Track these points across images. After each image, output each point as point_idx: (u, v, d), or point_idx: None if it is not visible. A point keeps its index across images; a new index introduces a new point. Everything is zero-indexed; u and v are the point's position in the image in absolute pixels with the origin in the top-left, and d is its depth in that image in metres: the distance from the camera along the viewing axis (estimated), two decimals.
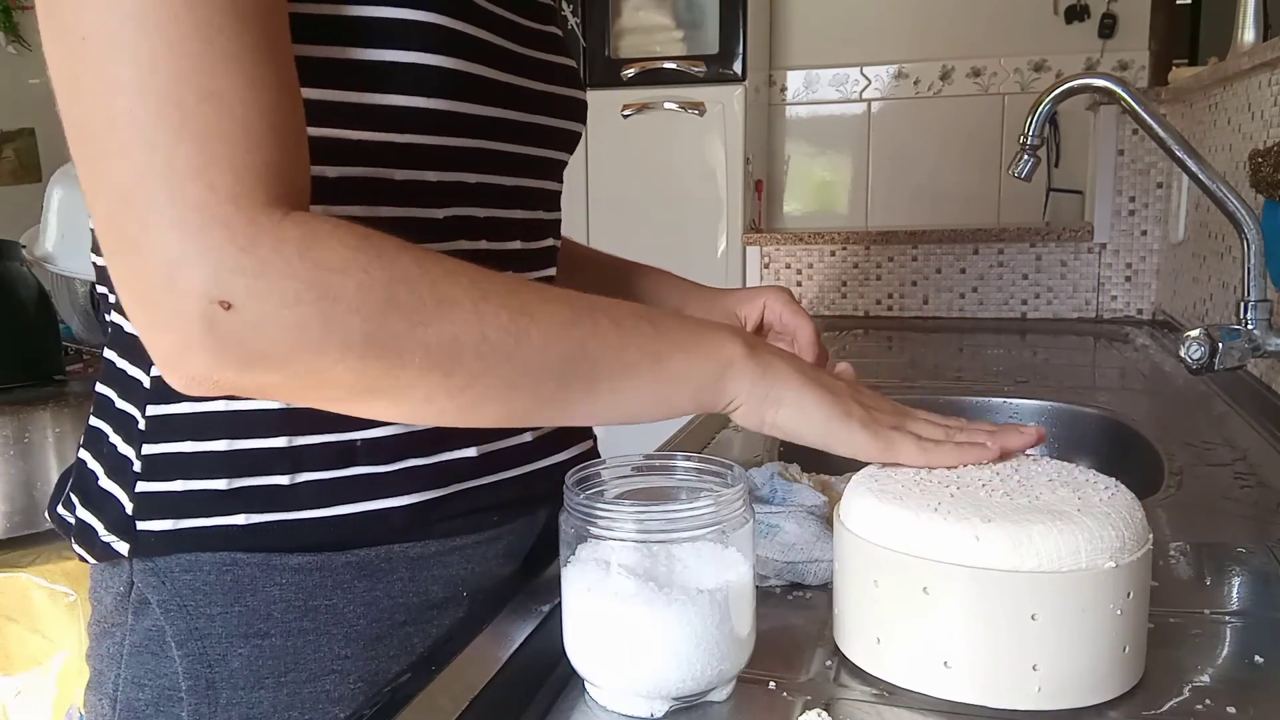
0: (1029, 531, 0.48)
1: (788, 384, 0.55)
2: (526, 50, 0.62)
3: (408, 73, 0.53)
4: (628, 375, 0.51)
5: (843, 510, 0.55)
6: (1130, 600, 0.49)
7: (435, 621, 0.60)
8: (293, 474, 0.55)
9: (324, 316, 0.43)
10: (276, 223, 0.43)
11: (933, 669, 0.50)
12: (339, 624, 0.56)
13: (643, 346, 0.52)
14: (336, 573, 0.56)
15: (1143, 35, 2.79)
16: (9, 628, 1.36)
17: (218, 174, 0.42)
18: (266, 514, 0.55)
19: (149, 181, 0.41)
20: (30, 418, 1.42)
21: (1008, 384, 1.38)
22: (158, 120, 0.41)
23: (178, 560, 0.55)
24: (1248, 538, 0.74)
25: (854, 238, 2.21)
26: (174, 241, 0.41)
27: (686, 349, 0.53)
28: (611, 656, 0.50)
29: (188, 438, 0.55)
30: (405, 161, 0.55)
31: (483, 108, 0.58)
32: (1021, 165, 1.09)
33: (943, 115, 2.95)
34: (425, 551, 0.59)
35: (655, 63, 2.64)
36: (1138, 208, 2.02)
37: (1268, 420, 1.10)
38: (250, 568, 0.55)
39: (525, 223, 0.65)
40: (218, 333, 0.42)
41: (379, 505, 0.56)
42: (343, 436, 0.56)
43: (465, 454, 0.60)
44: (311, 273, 0.43)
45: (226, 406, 0.54)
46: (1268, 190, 1.03)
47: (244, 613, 0.55)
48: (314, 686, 0.56)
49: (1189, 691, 0.51)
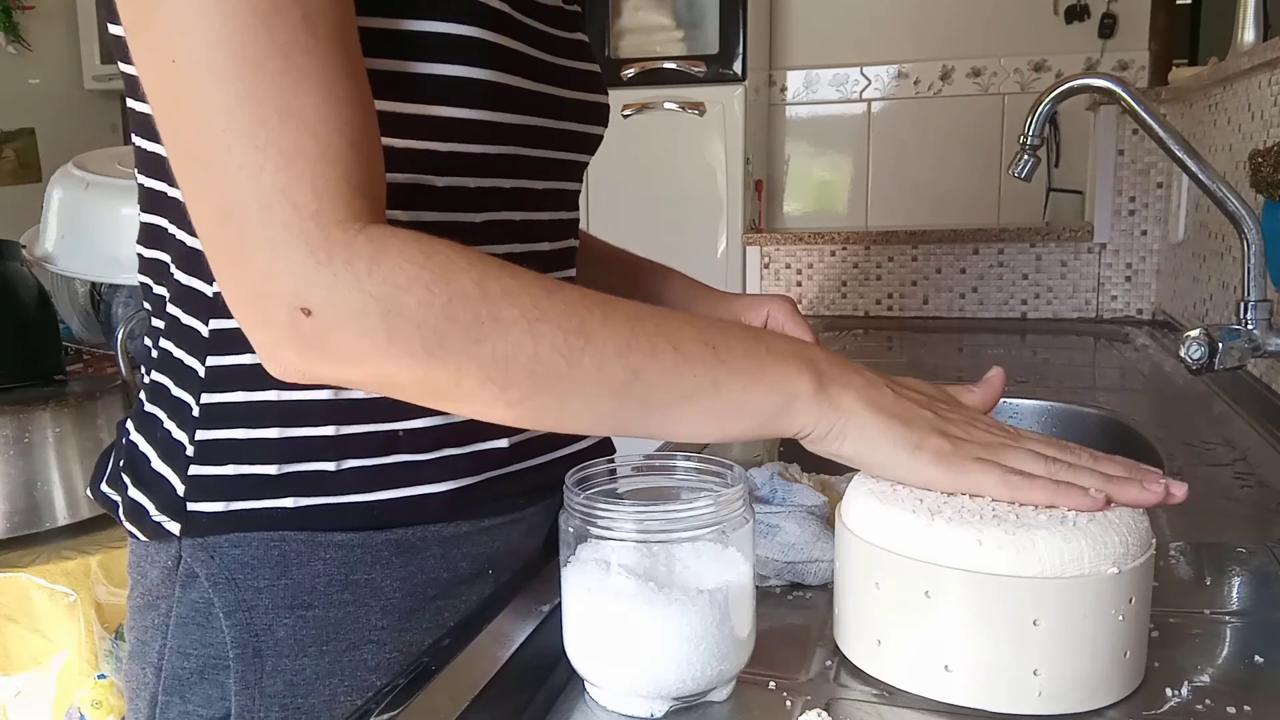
0: (1032, 537, 0.48)
1: (852, 415, 0.53)
2: (557, 59, 0.65)
3: (451, 84, 0.56)
4: (683, 403, 0.51)
5: (844, 512, 0.55)
6: (1132, 605, 0.49)
7: (463, 596, 0.63)
8: (339, 461, 0.58)
9: (388, 328, 0.47)
10: (351, 238, 0.47)
11: (933, 672, 0.50)
12: (377, 597, 0.60)
13: (701, 374, 0.51)
14: (376, 550, 0.60)
15: (1143, 35, 2.79)
16: (9, 628, 1.36)
17: (300, 192, 0.46)
18: (313, 498, 0.58)
19: (243, 200, 0.46)
20: (30, 418, 1.42)
21: (1008, 384, 1.38)
22: (247, 141, 0.45)
23: (227, 538, 0.58)
24: (1248, 538, 0.74)
25: (854, 238, 2.21)
26: (265, 256, 0.46)
27: (748, 379, 0.52)
28: (611, 656, 0.50)
29: (240, 425, 0.58)
30: (447, 169, 0.58)
31: (518, 116, 0.61)
32: (1021, 165, 1.09)
33: (943, 115, 2.95)
34: (457, 531, 0.63)
35: (655, 63, 2.64)
36: (1138, 208, 2.02)
37: (1268, 420, 1.10)
38: (296, 544, 0.58)
39: (553, 224, 0.68)
40: (301, 334, 0.47)
41: (418, 491, 0.60)
42: (386, 426, 0.59)
43: (498, 444, 0.63)
44: (379, 288, 0.46)
45: (277, 397, 0.58)
46: (1268, 190, 1.02)
47: (289, 585, 0.58)
48: (353, 655, 0.59)
49: (1189, 692, 0.51)
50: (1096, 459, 0.55)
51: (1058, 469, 0.53)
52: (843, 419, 0.53)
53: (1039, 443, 0.55)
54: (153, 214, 0.62)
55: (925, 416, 0.55)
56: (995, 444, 0.54)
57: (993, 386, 0.63)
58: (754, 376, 0.52)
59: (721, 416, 0.52)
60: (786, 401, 0.53)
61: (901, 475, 0.54)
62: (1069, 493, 0.51)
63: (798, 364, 0.53)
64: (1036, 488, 0.52)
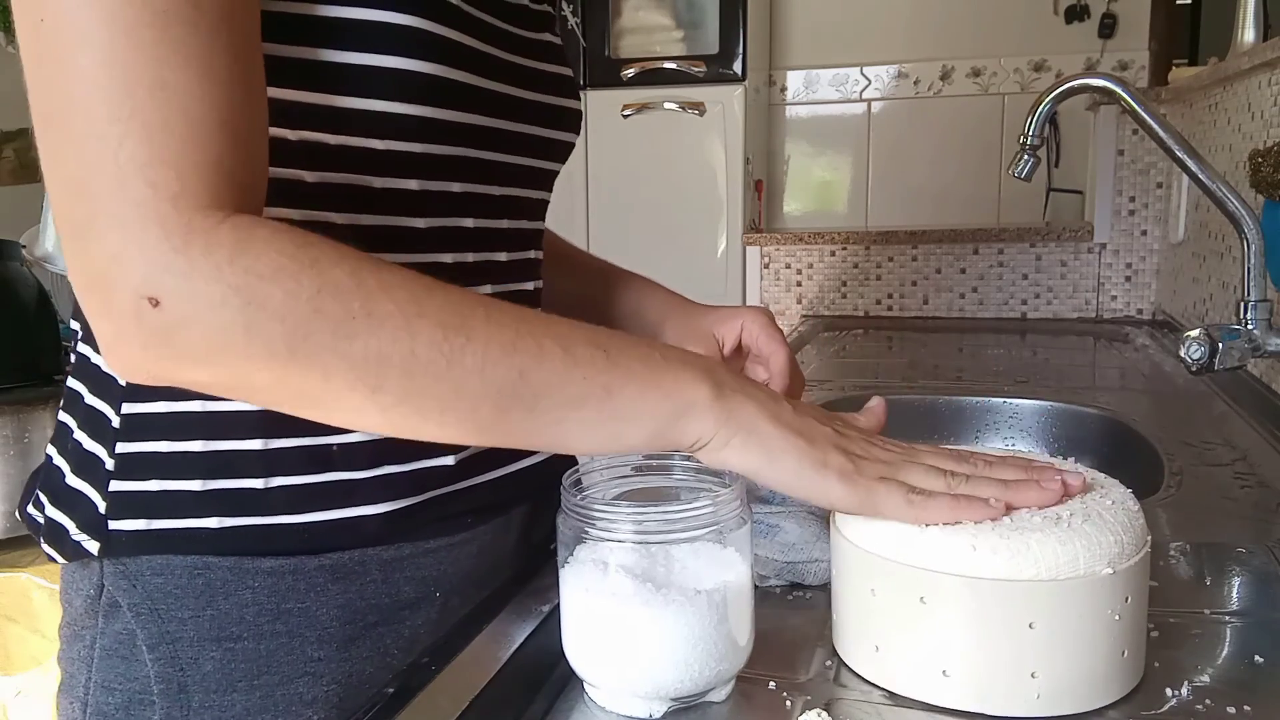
0: (1026, 540, 0.48)
1: (753, 429, 0.51)
2: (517, 58, 0.62)
3: (384, 77, 0.52)
4: (572, 408, 0.48)
5: (839, 519, 0.55)
6: (1128, 605, 0.49)
7: (407, 621, 0.60)
8: (267, 478, 0.54)
9: (247, 323, 0.43)
10: (213, 225, 0.43)
11: (931, 677, 0.50)
12: (312, 626, 0.56)
13: (592, 378, 0.48)
14: (309, 576, 0.56)
15: (1143, 35, 2.79)
16: (9, 628, 1.36)
17: (160, 171, 0.42)
18: (239, 518, 0.54)
19: (97, 174, 0.42)
20: (30, 418, 1.42)
21: (1008, 384, 1.38)
22: (109, 110, 0.41)
23: (148, 563, 0.55)
24: (1248, 538, 0.74)
25: (854, 238, 2.21)
26: (114, 236, 0.42)
27: (642, 384, 0.49)
28: (610, 657, 0.50)
29: (163, 437, 0.54)
30: (385, 169, 0.55)
31: (466, 115, 0.58)
32: (1021, 165, 1.09)
33: (943, 115, 2.95)
34: (399, 554, 0.59)
35: (655, 63, 2.64)
36: (1138, 208, 2.02)
37: (1268, 420, 1.10)
38: (222, 571, 0.55)
39: (512, 233, 0.65)
40: (146, 327, 0.43)
41: (354, 513, 0.56)
42: (319, 440, 0.55)
43: (443, 462, 0.59)
44: (240, 278, 0.42)
45: (203, 407, 0.54)
46: (1268, 190, 1.02)
47: (216, 616, 0.55)
48: (287, 689, 0.56)
49: (1189, 692, 0.51)
50: (992, 465, 0.53)
51: (956, 482, 0.52)
52: (743, 431, 0.50)
53: (935, 455, 0.54)
54: None
55: (826, 433, 0.53)
56: (895, 461, 0.53)
57: (875, 415, 0.60)
58: (648, 382, 0.50)
59: (614, 424, 0.49)
60: (682, 408, 0.50)
61: (807, 493, 0.52)
62: (969, 506, 0.50)
63: (694, 372, 0.51)
64: (938, 506, 0.50)
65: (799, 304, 2.27)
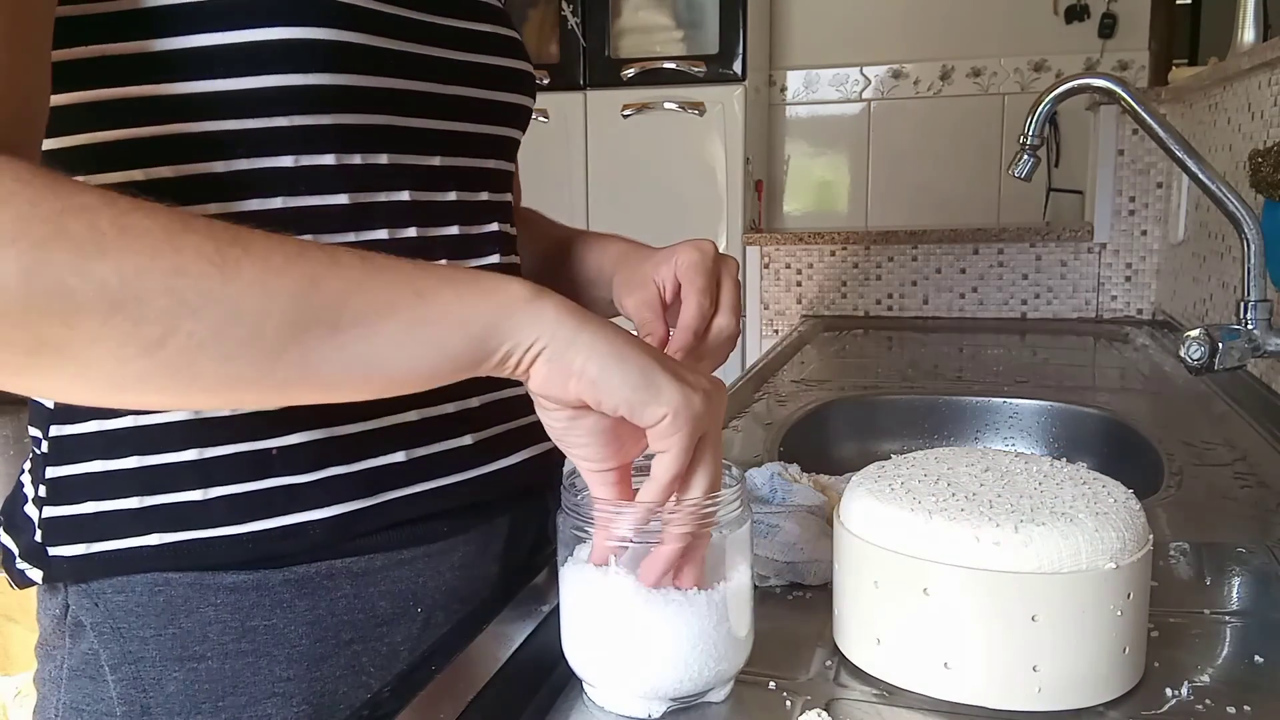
0: (1029, 533, 0.48)
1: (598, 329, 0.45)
2: (441, 19, 0.58)
3: (276, 50, 0.50)
4: (382, 317, 0.41)
5: (843, 511, 0.55)
6: (1130, 601, 0.49)
7: (385, 639, 0.57)
8: (204, 489, 0.52)
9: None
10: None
11: (933, 670, 0.50)
12: (280, 644, 0.54)
13: (399, 282, 0.42)
14: (274, 591, 0.54)
15: (1143, 35, 2.79)
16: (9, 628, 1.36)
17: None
18: (179, 533, 0.52)
19: None
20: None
21: (1008, 384, 1.38)
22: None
23: (110, 582, 0.53)
24: (1248, 538, 0.74)
25: (854, 238, 2.21)
26: None
27: (456, 287, 0.43)
28: (609, 657, 0.50)
29: (95, 457, 0.52)
30: (295, 146, 0.52)
31: (378, 79, 0.54)
32: (1021, 165, 1.08)
33: (943, 115, 2.95)
34: (370, 566, 0.56)
35: (655, 63, 2.64)
36: (1138, 208, 2.02)
37: (1268, 420, 1.10)
38: (183, 588, 0.52)
39: (463, 205, 0.61)
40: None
41: (298, 519, 0.53)
42: (257, 445, 0.53)
43: (392, 459, 0.56)
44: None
45: (134, 422, 0.52)
46: (1268, 190, 1.02)
47: (178, 635, 0.53)
48: (254, 711, 0.54)
49: (1189, 691, 0.51)
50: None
51: None
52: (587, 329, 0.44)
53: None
54: None
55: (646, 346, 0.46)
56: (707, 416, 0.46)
57: None
58: (462, 282, 0.44)
59: (430, 329, 0.42)
60: (505, 306, 0.43)
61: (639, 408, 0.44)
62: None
63: (510, 278, 0.45)
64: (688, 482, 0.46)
65: (799, 304, 2.27)
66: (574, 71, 2.65)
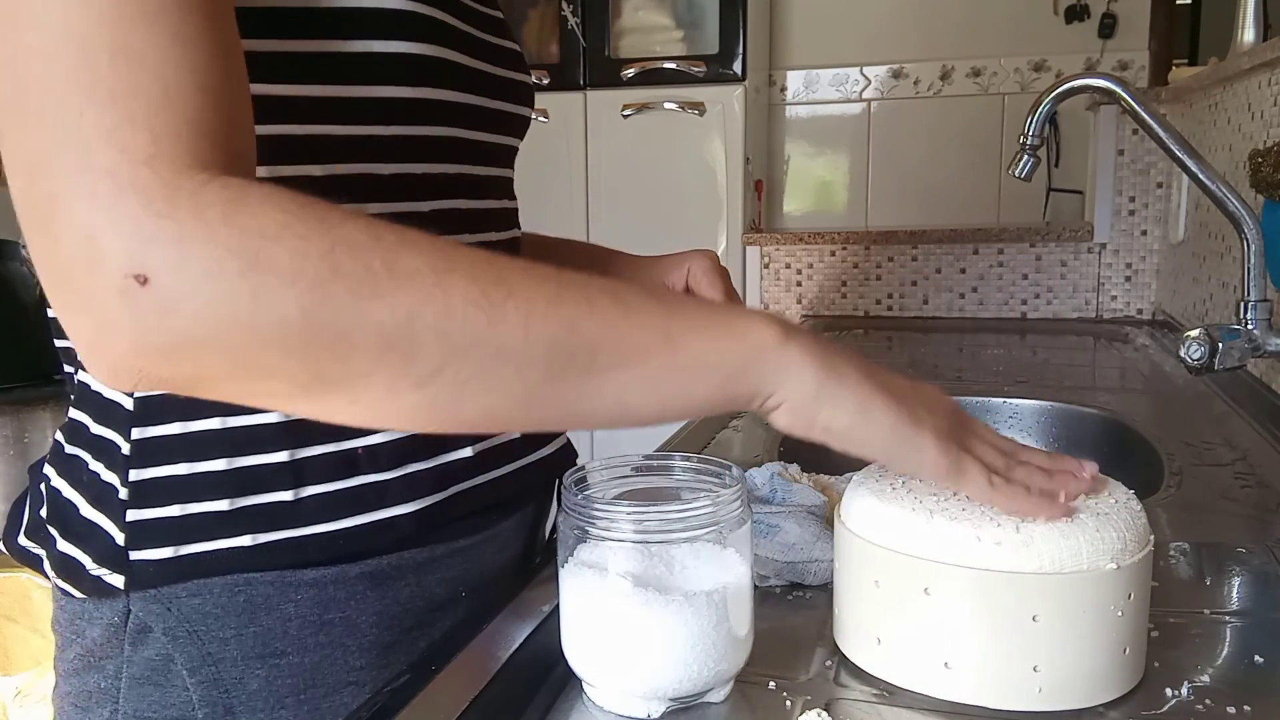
0: (1030, 533, 0.48)
1: (845, 379, 0.45)
2: (483, 35, 0.61)
3: (388, 62, 0.52)
4: (634, 362, 0.43)
5: (843, 510, 0.55)
6: (1131, 601, 0.49)
7: (438, 624, 0.59)
8: (296, 489, 0.53)
9: (253, 289, 0.37)
10: (199, 186, 0.38)
11: (933, 669, 0.50)
12: (353, 635, 0.55)
13: (651, 327, 0.43)
14: (350, 584, 0.55)
15: (1143, 35, 2.79)
16: (9, 628, 1.37)
17: (130, 134, 0.37)
18: (273, 533, 0.53)
19: (58, 149, 0.37)
20: (30, 418, 1.42)
21: (1008, 384, 1.38)
22: (68, 82, 0.37)
23: (184, 586, 0.53)
24: (1248, 538, 0.74)
25: (854, 238, 2.21)
26: (84, 211, 0.37)
27: (707, 331, 0.44)
28: (609, 657, 0.50)
29: (182, 459, 0.52)
30: (391, 155, 0.54)
31: (458, 94, 0.57)
32: (1021, 165, 1.08)
33: (943, 115, 2.94)
34: (431, 556, 0.59)
35: (655, 63, 2.63)
36: (1138, 208, 2.02)
37: (1268, 420, 1.10)
38: (264, 586, 0.53)
39: (497, 212, 0.64)
40: (135, 311, 0.37)
41: (386, 514, 0.55)
42: (343, 445, 0.54)
43: (462, 455, 0.59)
44: (238, 239, 0.37)
45: (222, 424, 0.52)
46: (1268, 190, 1.02)
47: (259, 633, 0.53)
48: (333, 700, 0.55)
49: (1189, 691, 0.51)
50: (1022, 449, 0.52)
51: (1011, 464, 0.50)
52: (833, 380, 0.45)
53: (981, 425, 0.52)
54: None
55: (904, 384, 0.48)
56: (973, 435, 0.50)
57: None
58: (712, 325, 0.44)
59: (679, 376, 0.44)
60: (753, 352, 0.44)
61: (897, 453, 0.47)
62: (1038, 504, 0.49)
63: (759, 316, 0.46)
64: (1015, 495, 0.48)
65: (799, 304, 2.27)
66: (574, 71, 2.65)
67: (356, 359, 0.39)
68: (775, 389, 0.45)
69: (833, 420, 0.46)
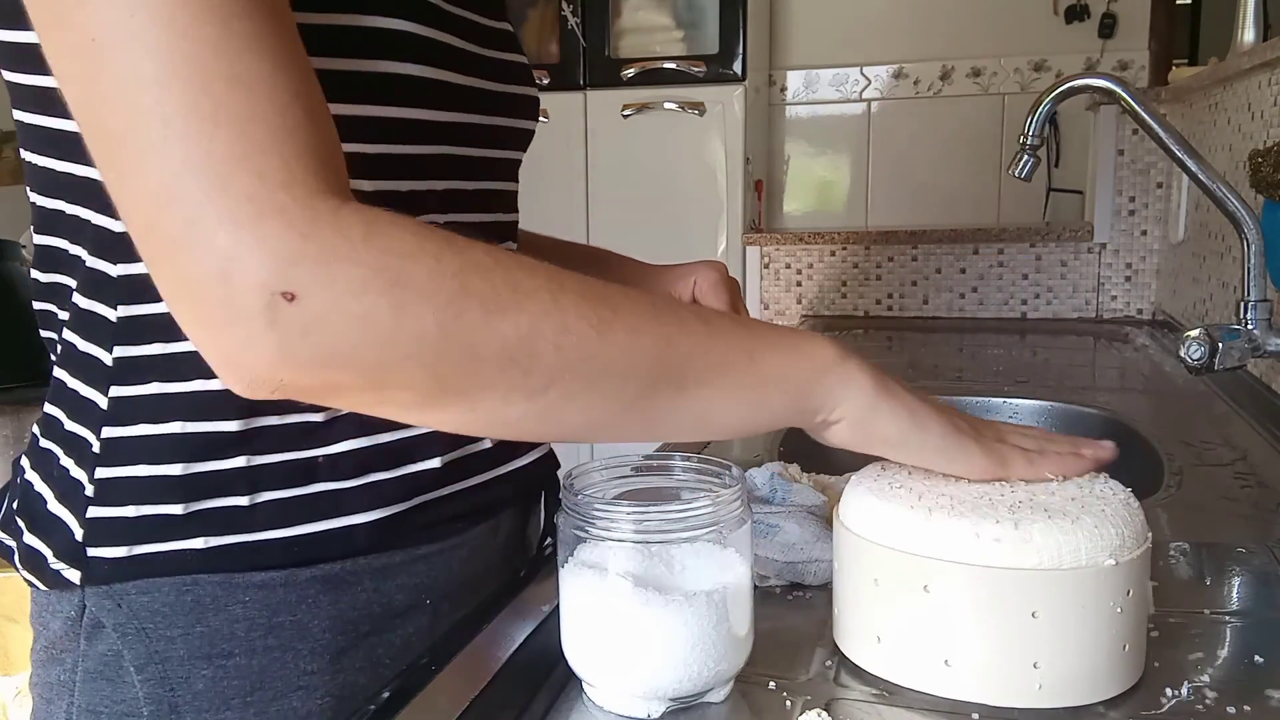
0: (1029, 529, 0.48)
1: (895, 393, 0.51)
2: (485, 50, 0.61)
3: (380, 82, 0.52)
4: (719, 376, 0.47)
5: (842, 509, 0.55)
6: (1130, 598, 0.49)
7: (399, 630, 0.59)
8: (252, 494, 0.53)
9: (394, 305, 0.39)
10: (335, 209, 0.40)
11: (933, 667, 0.50)
12: (304, 639, 0.55)
13: (734, 344, 0.47)
14: (300, 588, 0.55)
15: (1143, 35, 2.79)
16: (9, 628, 1.36)
17: (264, 160, 0.39)
18: (226, 536, 0.53)
19: (189, 176, 0.38)
20: (30, 418, 1.42)
21: (1008, 384, 1.38)
22: (188, 111, 0.38)
23: (134, 584, 0.53)
24: (1248, 538, 0.74)
25: (854, 238, 2.21)
26: (226, 235, 0.38)
27: (780, 348, 0.49)
28: (609, 657, 0.50)
29: (143, 461, 0.52)
30: (375, 172, 0.54)
31: (448, 113, 0.57)
32: (1021, 165, 1.08)
33: (943, 115, 2.95)
34: (390, 562, 0.58)
35: (655, 63, 2.64)
36: (1138, 208, 2.02)
37: (1268, 420, 1.10)
38: (211, 587, 0.53)
39: (490, 225, 0.64)
40: (281, 327, 0.39)
41: (342, 523, 0.55)
42: (303, 454, 0.54)
43: (429, 465, 0.58)
44: (379, 259, 0.39)
45: (182, 429, 0.52)
46: (1268, 190, 1.02)
47: (206, 633, 0.53)
48: (280, 704, 0.55)
49: (1189, 691, 0.51)
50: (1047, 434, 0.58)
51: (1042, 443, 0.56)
52: (888, 394, 0.50)
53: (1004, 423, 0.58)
54: (48, 235, 0.57)
55: (935, 400, 0.54)
56: (990, 424, 0.56)
57: None
58: (785, 344, 0.49)
59: (759, 390, 0.48)
60: (820, 369, 0.49)
61: (949, 459, 0.53)
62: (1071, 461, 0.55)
63: (816, 336, 0.51)
64: (1050, 459, 0.54)
65: (799, 304, 2.27)
66: (574, 71, 2.65)
67: (482, 371, 0.42)
68: (839, 403, 0.50)
69: (889, 431, 0.50)
